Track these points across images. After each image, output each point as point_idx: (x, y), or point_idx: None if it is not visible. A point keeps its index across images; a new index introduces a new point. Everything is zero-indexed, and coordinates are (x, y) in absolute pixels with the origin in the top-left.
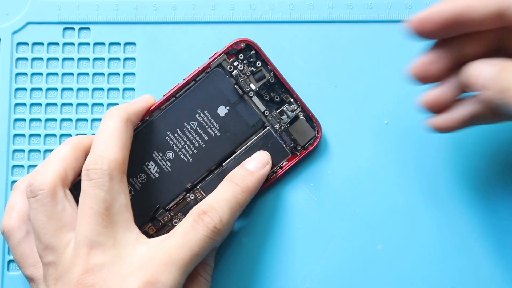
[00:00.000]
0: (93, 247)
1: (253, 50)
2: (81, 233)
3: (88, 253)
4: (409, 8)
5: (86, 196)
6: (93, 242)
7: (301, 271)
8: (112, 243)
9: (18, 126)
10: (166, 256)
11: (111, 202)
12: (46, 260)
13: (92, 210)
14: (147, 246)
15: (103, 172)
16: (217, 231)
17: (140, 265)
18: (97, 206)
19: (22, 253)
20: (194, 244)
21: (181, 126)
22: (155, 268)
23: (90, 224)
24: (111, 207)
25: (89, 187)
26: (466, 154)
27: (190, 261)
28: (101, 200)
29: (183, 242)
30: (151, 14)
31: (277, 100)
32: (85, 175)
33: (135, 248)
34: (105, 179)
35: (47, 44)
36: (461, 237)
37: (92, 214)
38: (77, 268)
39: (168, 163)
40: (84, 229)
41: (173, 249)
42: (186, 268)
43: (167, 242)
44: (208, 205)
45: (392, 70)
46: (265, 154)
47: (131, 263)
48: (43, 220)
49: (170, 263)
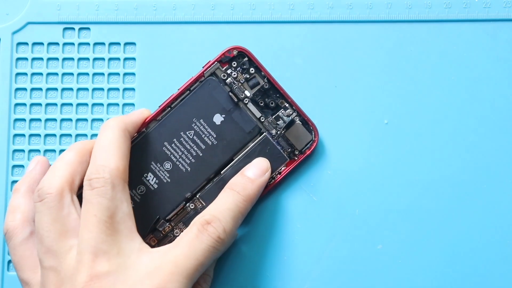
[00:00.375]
0: (97, 255)
1: (246, 57)
2: (84, 240)
3: (93, 261)
4: (409, 8)
5: (89, 204)
6: (98, 250)
7: (301, 271)
8: (116, 251)
9: (18, 126)
10: (173, 265)
11: (114, 210)
12: (46, 264)
13: (96, 218)
14: (152, 256)
15: (105, 180)
16: (221, 241)
17: (146, 274)
18: (100, 214)
19: (22, 254)
20: (200, 254)
21: (177, 136)
22: (162, 277)
23: (94, 232)
24: (114, 216)
25: (91, 196)
26: (466, 154)
27: (196, 270)
28: (104, 208)
29: (188, 252)
30: (151, 14)
31: (272, 106)
32: (87, 185)
33: (139, 257)
34: (107, 188)
35: (47, 44)
36: (461, 237)
37: (95, 222)
38: (81, 275)
39: (167, 174)
40: (88, 236)
41: (179, 259)
42: (192, 277)
43: (172, 252)
44: (211, 215)
45: (392, 70)
46: (264, 161)
47: (137, 272)
48: (47, 223)
49: (177, 273)
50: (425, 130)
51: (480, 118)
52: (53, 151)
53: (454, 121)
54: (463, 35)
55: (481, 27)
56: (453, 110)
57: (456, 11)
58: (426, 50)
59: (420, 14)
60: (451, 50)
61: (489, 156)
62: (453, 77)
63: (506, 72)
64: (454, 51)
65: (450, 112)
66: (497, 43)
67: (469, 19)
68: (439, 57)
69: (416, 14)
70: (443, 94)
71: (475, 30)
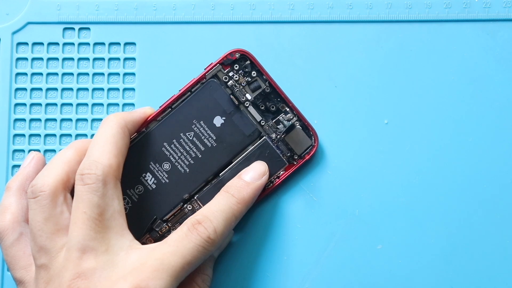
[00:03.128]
0: (85, 251)
1: (248, 60)
2: (73, 237)
3: (80, 258)
4: (409, 8)
5: (80, 200)
6: (86, 247)
7: (301, 271)
8: (105, 248)
9: (18, 126)
10: (158, 262)
11: (105, 207)
12: (39, 263)
13: (85, 215)
14: (140, 252)
15: (97, 177)
16: (211, 241)
17: (131, 270)
18: (90, 211)
19: (14, 255)
20: (187, 252)
21: (177, 137)
22: (146, 274)
23: (83, 229)
24: (105, 213)
25: (83, 192)
26: (466, 154)
27: (182, 268)
28: (94, 206)
29: (175, 250)
30: (151, 14)
31: (273, 110)
32: (79, 179)
33: (128, 254)
34: (99, 185)
35: (47, 44)
36: (461, 237)
37: (85, 219)
38: (68, 272)
39: (165, 174)
40: (77, 234)
41: (165, 256)
42: (177, 275)
43: (159, 249)
44: (203, 216)
45: (392, 70)
46: (262, 165)
47: (122, 269)
48: (40, 222)
49: (162, 269)
50: (425, 130)
51: (480, 118)
52: (53, 151)
53: (454, 121)
54: (463, 35)
55: (481, 27)
56: (453, 110)
57: (456, 11)
58: (426, 50)
59: (420, 14)
60: (451, 50)
61: (489, 156)
62: (453, 77)
63: (506, 72)
64: (454, 51)
65: (450, 112)
66: (497, 43)
67: (469, 19)
68: (439, 57)
69: (416, 14)
70: (443, 94)
71: (475, 30)
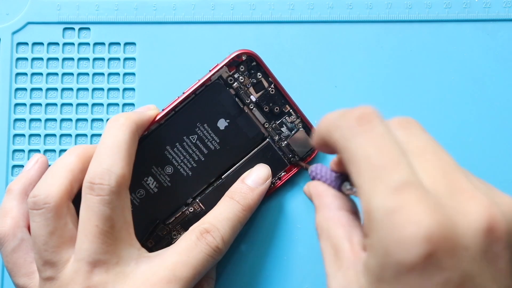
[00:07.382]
0: (96, 265)
1: (254, 61)
2: (84, 250)
3: (91, 271)
4: (409, 8)
5: (91, 213)
6: (97, 260)
7: (301, 271)
8: (116, 260)
9: (18, 126)
10: (171, 274)
11: (116, 219)
12: (44, 275)
13: (97, 228)
14: (150, 262)
15: (111, 189)
16: (219, 251)
17: (143, 281)
18: (103, 225)
19: (15, 262)
20: (197, 263)
21: (180, 140)
22: (160, 285)
23: (95, 243)
24: (115, 225)
25: (94, 203)
26: (466, 154)
27: (193, 278)
28: (107, 219)
29: (186, 260)
30: (151, 14)
31: (276, 112)
32: (90, 188)
33: (138, 264)
34: (112, 197)
35: (47, 44)
36: None
37: (97, 233)
38: (77, 285)
39: (167, 178)
40: (88, 247)
41: (177, 267)
42: (188, 285)
43: (170, 258)
44: (210, 224)
45: (392, 70)
46: (265, 168)
47: (133, 280)
48: (44, 236)
49: (175, 281)
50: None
51: (480, 118)
52: (53, 151)
53: (454, 121)
54: (463, 35)
55: (481, 27)
56: (453, 110)
57: (456, 11)
58: (426, 50)
59: (420, 14)
60: (451, 50)
61: (489, 156)
62: (453, 77)
63: (506, 72)
64: (454, 51)
65: (450, 112)
66: (497, 43)
67: (469, 19)
68: (439, 57)
69: (416, 14)
70: (443, 94)
71: (475, 30)
